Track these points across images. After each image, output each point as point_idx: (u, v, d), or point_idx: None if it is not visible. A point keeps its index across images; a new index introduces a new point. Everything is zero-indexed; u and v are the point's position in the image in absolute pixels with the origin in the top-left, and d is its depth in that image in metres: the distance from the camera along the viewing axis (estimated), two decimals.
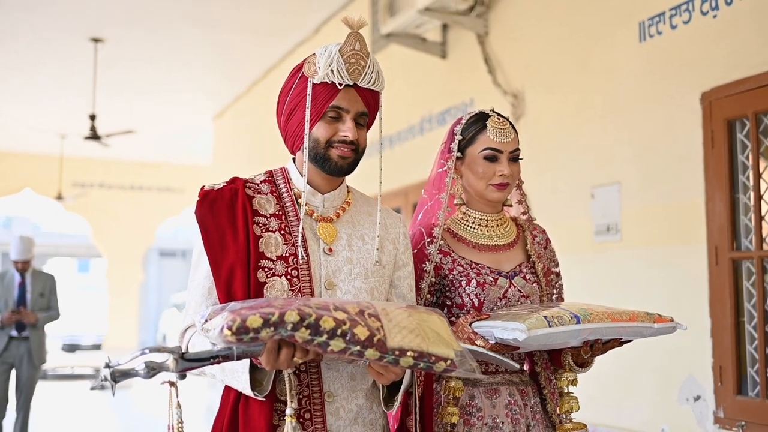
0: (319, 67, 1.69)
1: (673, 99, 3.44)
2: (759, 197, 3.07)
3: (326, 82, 1.70)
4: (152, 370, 1.40)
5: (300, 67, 1.75)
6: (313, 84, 1.70)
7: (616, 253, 3.73)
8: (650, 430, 3.44)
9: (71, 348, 18.04)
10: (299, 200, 1.78)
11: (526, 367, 2.09)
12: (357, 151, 1.75)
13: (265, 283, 1.68)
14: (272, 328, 1.38)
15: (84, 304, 26.12)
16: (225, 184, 1.78)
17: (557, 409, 2.04)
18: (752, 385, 3.10)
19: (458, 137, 2.08)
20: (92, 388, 1.43)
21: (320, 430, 1.68)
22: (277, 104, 1.81)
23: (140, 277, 13.78)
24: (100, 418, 9.78)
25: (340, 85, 1.70)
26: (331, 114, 1.72)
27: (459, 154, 2.08)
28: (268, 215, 1.75)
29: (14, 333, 6.42)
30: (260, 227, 1.73)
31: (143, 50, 7.81)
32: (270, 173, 1.85)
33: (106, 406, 10.72)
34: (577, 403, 2.01)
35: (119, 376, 1.39)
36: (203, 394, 9.37)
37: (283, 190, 1.81)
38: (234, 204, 1.74)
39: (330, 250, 1.76)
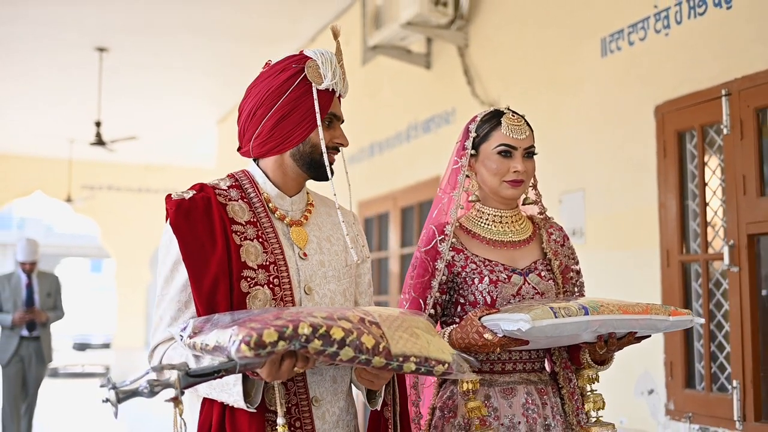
0: (325, 75, 1.72)
1: (631, 111, 3.66)
2: (705, 204, 3.29)
3: (328, 89, 1.73)
4: (155, 388, 1.37)
5: (299, 69, 1.72)
6: (317, 90, 1.72)
7: (581, 255, 3.88)
8: (610, 421, 3.66)
9: (82, 347, 18.40)
10: (270, 204, 1.77)
11: (547, 367, 2.08)
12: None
13: (248, 293, 1.65)
14: (287, 341, 1.36)
15: (95, 304, 26.48)
16: (194, 192, 1.73)
17: (581, 407, 2.02)
18: (699, 379, 3.32)
19: (473, 134, 2.08)
20: (101, 386, 1.41)
21: None
22: (257, 103, 1.74)
23: (148, 277, 14.05)
24: (109, 414, 10.05)
25: (335, 93, 1.76)
26: (327, 120, 1.75)
27: (473, 152, 2.08)
28: (244, 222, 1.71)
29: (25, 333, 6.63)
30: (239, 236, 1.68)
31: (147, 58, 8.05)
32: (234, 177, 1.81)
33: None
34: (602, 400, 1.97)
35: (123, 396, 1.37)
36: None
37: (252, 195, 1.77)
38: (209, 213, 1.69)
39: (304, 254, 1.75)
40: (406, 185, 5.71)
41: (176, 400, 1.40)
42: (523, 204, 2.15)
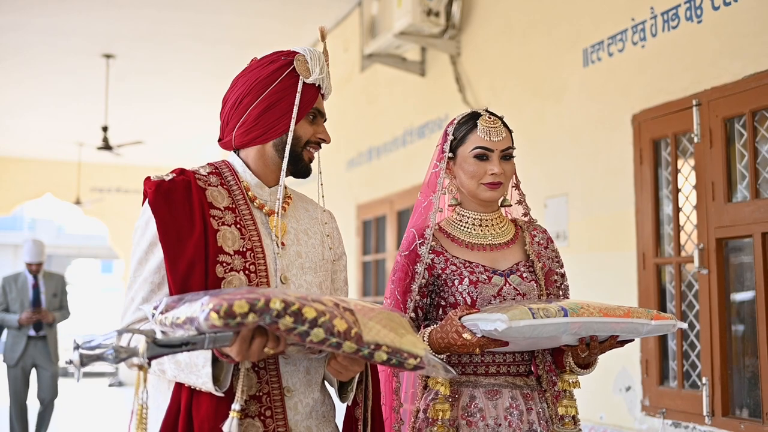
0: (313, 70, 1.75)
1: (610, 119, 3.80)
2: (677, 209, 3.43)
3: (314, 84, 1.76)
4: (121, 354, 1.35)
5: (288, 62, 1.75)
6: (303, 83, 1.75)
7: (564, 257, 4.02)
8: (590, 417, 3.81)
9: None
10: (249, 193, 1.78)
11: (533, 370, 2.08)
12: None
13: (223, 278, 1.64)
14: (257, 314, 1.34)
15: (106, 304, 26.70)
16: (174, 175, 1.73)
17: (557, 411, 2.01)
18: (673, 376, 3.47)
19: (450, 137, 2.07)
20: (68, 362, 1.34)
21: (282, 426, 1.66)
22: (244, 92, 1.76)
23: None
24: (118, 413, 10.24)
25: (320, 90, 1.79)
26: (311, 115, 1.78)
27: (451, 155, 2.07)
28: (223, 208, 1.71)
29: (32, 333, 6.78)
30: (216, 220, 1.69)
31: (152, 64, 8.24)
32: (214, 165, 1.82)
33: (124, 402, 11.19)
34: (574, 407, 1.97)
35: (86, 359, 1.33)
36: None
37: (232, 182, 1.78)
38: (188, 196, 1.69)
39: (282, 243, 1.76)
40: (403, 189, 5.87)
41: (141, 367, 1.36)
42: (501, 206, 2.14)
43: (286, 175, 1.81)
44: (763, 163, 3.07)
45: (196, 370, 1.54)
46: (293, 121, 1.73)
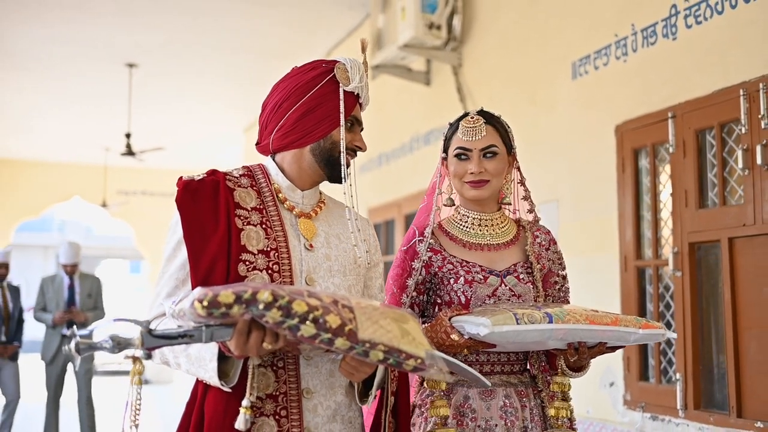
0: (353, 79, 1.79)
1: (596, 129, 4.02)
2: (656, 215, 3.65)
3: (353, 93, 1.79)
4: (118, 345, 1.35)
5: (329, 69, 1.79)
6: (344, 91, 1.78)
7: None
8: (578, 411, 4.00)
9: None
10: (279, 195, 1.80)
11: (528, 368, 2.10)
12: None
13: (246, 277, 1.65)
14: (244, 306, 1.34)
15: (135, 304, 27.17)
16: (205, 175, 1.76)
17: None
18: (652, 372, 3.68)
19: (443, 140, 2.17)
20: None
21: (296, 427, 1.65)
22: (284, 97, 1.79)
23: None
24: (144, 411, 10.53)
25: (359, 99, 1.83)
26: (349, 123, 1.81)
27: (444, 155, 2.15)
28: (249, 208, 1.73)
29: (65, 331, 7.06)
30: (242, 220, 1.70)
31: (174, 71, 8.57)
32: (248, 168, 1.85)
33: (149, 400, 11.52)
34: (566, 409, 1.99)
35: (83, 348, 1.33)
36: None
37: (263, 184, 1.80)
38: (216, 195, 1.72)
39: (310, 246, 1.77)
40: (410, 193, 6.11)
41: (135, 358, 1.37)
42: (501, 203, 2.16)
43: (323, 180, 1.85)
44: (730, 173, 3.28)
45: (204, 364, 1.57)
46: (342, 129, 1.77)
